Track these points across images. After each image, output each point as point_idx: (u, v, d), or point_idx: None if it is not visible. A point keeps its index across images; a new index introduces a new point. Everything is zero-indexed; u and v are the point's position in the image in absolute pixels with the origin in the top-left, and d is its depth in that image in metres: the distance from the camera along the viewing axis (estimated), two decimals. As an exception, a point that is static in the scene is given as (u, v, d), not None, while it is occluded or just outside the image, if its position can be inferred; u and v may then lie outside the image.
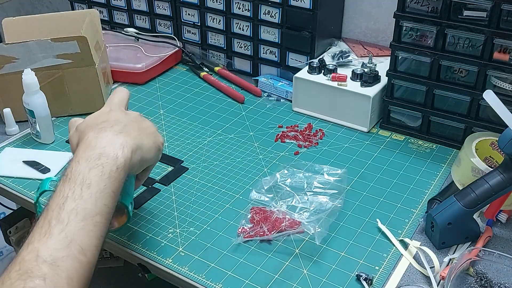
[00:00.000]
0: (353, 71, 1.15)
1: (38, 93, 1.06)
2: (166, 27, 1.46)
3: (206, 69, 1.38)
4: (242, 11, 1.29)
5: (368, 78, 1.12)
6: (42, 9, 1.94)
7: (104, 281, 1.26)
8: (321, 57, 1.23)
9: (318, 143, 1.10)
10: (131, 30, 1.48)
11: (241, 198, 0.95)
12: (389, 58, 1.08)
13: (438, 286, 0.77)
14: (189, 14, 1.39)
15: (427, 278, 0.78)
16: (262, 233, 0.86)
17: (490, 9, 0.92)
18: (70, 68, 1.14)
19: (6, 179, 1.01)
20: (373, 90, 1.11)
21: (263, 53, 1.32)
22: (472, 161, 0.89)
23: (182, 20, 1.41)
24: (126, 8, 1.50)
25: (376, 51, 1.28)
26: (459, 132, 1.06)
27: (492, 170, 0.83)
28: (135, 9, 1.49)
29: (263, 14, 1.27)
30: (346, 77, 1.14)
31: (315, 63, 1.18)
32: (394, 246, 0.85)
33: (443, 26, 0.97)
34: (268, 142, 1.11)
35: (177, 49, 1.41)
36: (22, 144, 1.12)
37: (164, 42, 1.43)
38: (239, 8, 1.29)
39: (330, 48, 1.31)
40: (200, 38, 1.41)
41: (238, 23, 1.32)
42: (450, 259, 0.81)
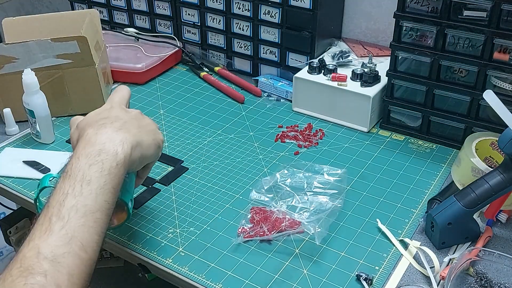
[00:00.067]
0: (353, 71, 1.15)
1: (38, 93, 1.06)
2: (166, 27, 1.46)
3: (206, 69, 1.38)
4: (242, 11, 1.29)
5: (368, 78, 1.12)
6: (42, 9, 1.94)
7: (104, 281, 1.26)
8: (321, 57, 1.23)
9: (318, 143, 1.10)
10: (131, 30, 1.48)
11: (241, 198, 0.95)
12: (389, 58, 1.08)
13: (438, 286, 0.77)
14: (189, 14, 1.39)
15: (427, 278, 0.78)
16: (262, 233, 0.86)
17: (490, 9, 0.92)
18: (70, 68, 1.14)
19: (6, 179, 1.01)
20: (373, 90, 1.11)
21: (263, 53, 1.32)
22: (472, 161, 0.89)
23: (182, 20, 1.41)
24: (126, 8, 1.50)
25: (376, 51, 1.28)
26: (459, 132, 1.06)
27: (492, 170, 0.83)
28: (135, 9, 1.49)
29: (263, 14, 1.27)
30: (346, 77, 1.14)
31: (315, 63, 1.18)
32: (394, 246, 0.85)
33: (443, 26, 0.97)
34: (268, 142, 1.11)
35: (177, 49, 1.41)
36: (22, 144, 1.12)
37: (164, 42, 1.43)
38: (239, 8, 1.29)
39: (330, 48, 1.30)
40: (200, 38, 1.41)
41: (238, 23, 1.32)
42: (450, 259, 0.81)
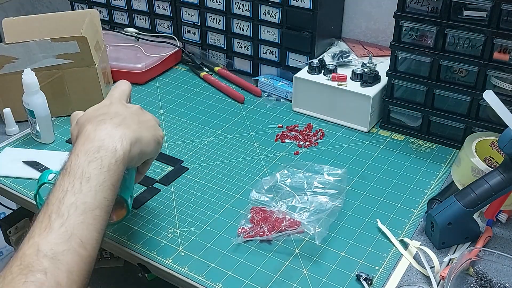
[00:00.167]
0: (353, 71, 1.15)
1: (38, 93, 1.06)
2: (166, 27, 1.46)
3: (206, 69, 1.38)
4: (242, 11, 1.29)
5: (368, 78, 1.12)
6: (42, 9, 1.94)
7: (104, 281, 1.26)
8: (321, 57, 1.23)
9: (318, 143, 1.10)
10: (131, 30, 1.48)
11: (241, 198, 0.95)
12: (389, 58, 1.08)
13: (438, 286, 0.77)
14: (189, 14, 1.39)
15: (427, 278, 0.78)
16: (262, 233, 0.86)
17: (490, 9, 0.92)
18: (70, 68, 1.14)
19: (6, 179, 1.01)
20: (373, 90, 1.11)
21: (263, 53, 1.32)
22: (472, 161, 0.89)
23: (182, 20, 1.41)
24: (126, 8, 1.50)
25: (376, 51, 1.28)
26: (459, 132, 1.06)
27: (492, 170, 0.83)
28: (135, 9, 1.49)
29: (263, 14, 1.27)
30: (346, 77, 1.14)
31: (315, 63, 1.18)
32: (394, 246, 0.85)
33: (443, 26, 0.97)
34: (268, 142, 1.11)
35: (177, 49, 1.41)
36: (22, 144, 1.12)
37: (164, 42, 1.43)
38: (239, 8, 1.29)
39: (330, 48, 1.30)
40: (200, 38, 1.41)
41: (238, 23, 1.32)
42: (450, 259, 0.81)
